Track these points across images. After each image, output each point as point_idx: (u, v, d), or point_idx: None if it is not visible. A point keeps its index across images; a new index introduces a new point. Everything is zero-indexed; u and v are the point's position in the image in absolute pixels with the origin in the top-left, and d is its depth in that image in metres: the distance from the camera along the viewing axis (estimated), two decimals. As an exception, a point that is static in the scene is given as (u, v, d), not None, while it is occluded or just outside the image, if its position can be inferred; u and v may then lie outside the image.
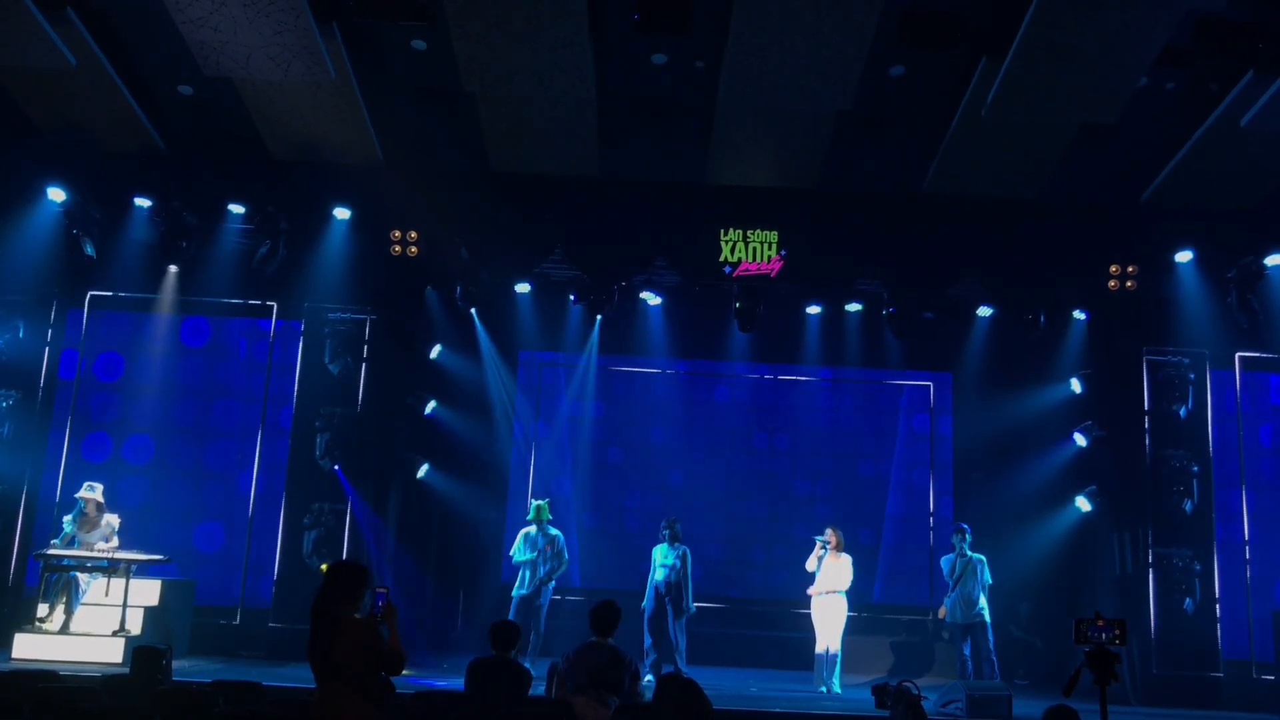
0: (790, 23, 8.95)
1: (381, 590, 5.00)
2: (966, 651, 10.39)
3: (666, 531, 10.35)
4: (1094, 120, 10.20)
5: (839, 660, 10.06)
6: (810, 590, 10.21)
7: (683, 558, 10.28)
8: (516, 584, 10.32)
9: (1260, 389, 12.33)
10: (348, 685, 4.73)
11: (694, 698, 4.25)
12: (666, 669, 9.87)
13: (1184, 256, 11.36)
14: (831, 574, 10.13)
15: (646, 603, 10.21)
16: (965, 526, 10.58)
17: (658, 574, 10.21)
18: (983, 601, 10.27)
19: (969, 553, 10.39)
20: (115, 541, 9.87)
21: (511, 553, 10.43)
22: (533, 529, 10.40)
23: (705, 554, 12.77)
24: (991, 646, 10.25)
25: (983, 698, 8.74)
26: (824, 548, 10.16)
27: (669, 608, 10.12)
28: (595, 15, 9.27)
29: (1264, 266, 11.16)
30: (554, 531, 10.44)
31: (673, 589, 10.15)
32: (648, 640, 10.14)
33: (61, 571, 9.66)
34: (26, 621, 9.80)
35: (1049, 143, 10.60)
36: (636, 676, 6.19)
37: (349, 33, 9.82)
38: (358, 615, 4.89)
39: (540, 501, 10.61)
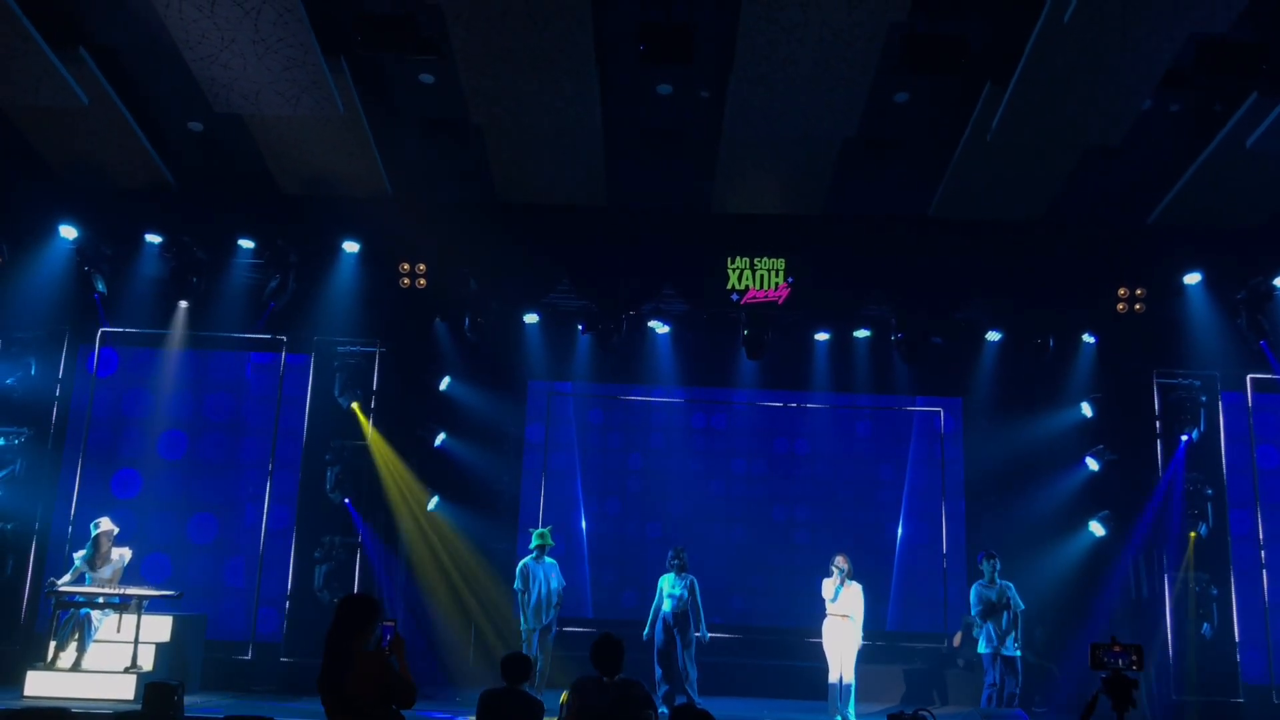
0: (794, 51, 9.01)
1: (389, 623, 4.99)
2: (991, 680, 10.13)
3: (676, 561, 10.27)
4: (1099, 143, 10.22)
5: (854, 689, 9.96)
6: (829, 611, 10.09)
7: (690, 588, 10.19)
8: (530, 618, 10.10)
9: (1272, 410, 12.26)
10: (360, 719, 4.71)
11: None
12: (679, 700, 9.79)
13: (1192, 278, 11.36)
14: (847, 599, 10.04)
15: (656, 634, 10.13)
16: (995, 554, 10.34)
17: (665, 604, 10.13)
18: (1015, 632, 10.04)
19: (999, 580, 10.16)
20: (120, 576, 9.84)
21: (516, 584, 10.33)
22: (533, 557, 10.30)
23: (717, 582, 12.70)
24: (1019, 682, 9.98)
25: (1000, 726, 8.65)
26: (840, 573, 10.06)
27: (678, 638, 10.05)
28: (601, 47, 9.35)
29: (1273, 287, 11.15)
30: (551, 560, 10.33)
31: (680, 619, 10.08)
32: (658, 672, 10.05)
33: (73, 608, 9.65)
34: (39, 659, 9.78)
35: (1054, 166, 10.62)
36: (648, 703, 6.07)
37: (357, 67, 9.92)
38: (367, 648, 4.88)
39: (543, 529, 10.51)
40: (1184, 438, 11.55)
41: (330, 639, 4.82)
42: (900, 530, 13.16)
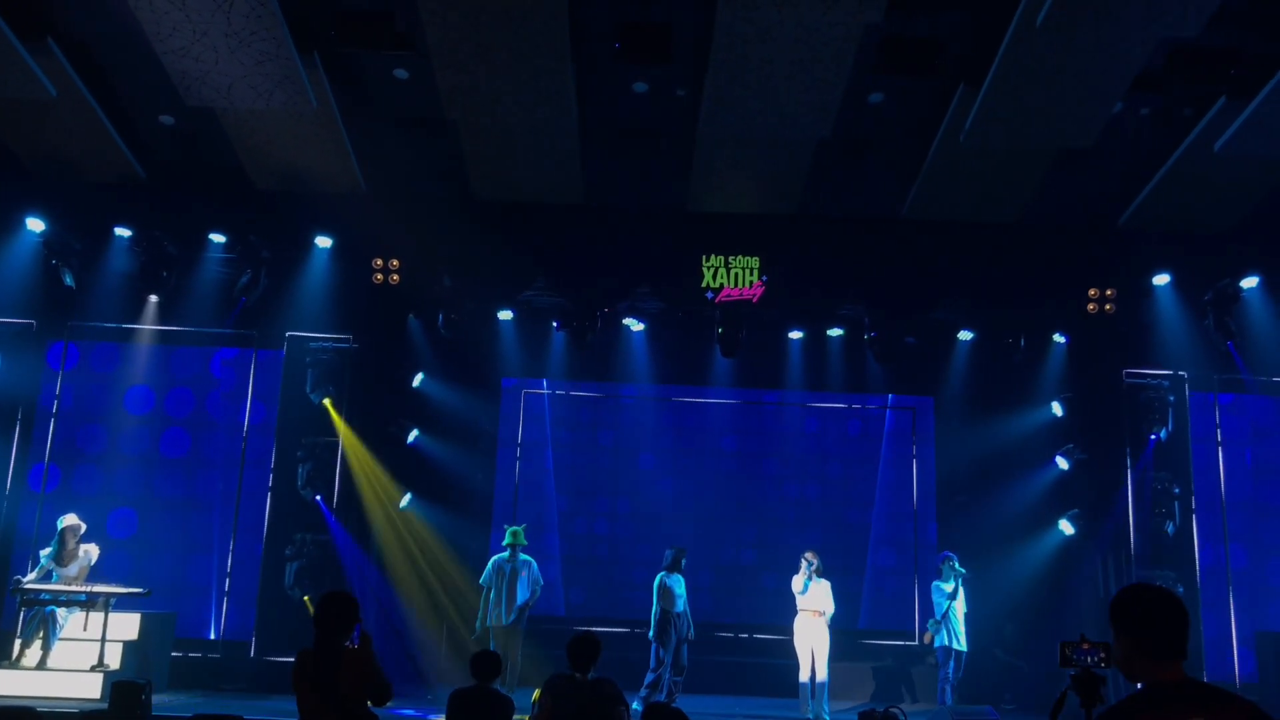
0: (770, 51, 9.03)
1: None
2: (944, 674, 10.41)
3: (684, 561, 10.29)
4: (1070, 145, 10.31)
5: (826, 687, 10.01)
6: (800, 607, 10.16)
7: (684, 586, 10.30)
8: (487, 613, 10.03)
9: (1239, 410, 12.43)
10: (340, 716, 4.69)
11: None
12: (658, 698, 9.80)
13: (1161, 279, 11.49)
14: (816, 595, 10.10)
15: (668, 633, 10.06)
16: (952, 555, 10.60)
17: (678, 604, 10.11)
18: (961, 629, 10.33)
19: (955, 580, 10.41)
20: (86, 573, 9.71)
21: (482, 580, 10.31)
22: (505, 555, 10.28)
23: (691, 580, 12.71)
24: (957, 671, 10.32)
25: (969, 722, 8.73)
26: (809, 567, 10.11)
27: (683, 637, 10.09)
28: (577, 44, 9.34)
29: (1240, 289, 11.29)
30: (525, 558, 10.29)
31: (684, 618, 10.12)
32: (667, 671, 10.00)
33: (38, 606, 9.52)
34: (3, 657, 9.65)
35: (1027, 168, 10.71)
36: (620, 700, 6.06)
37: (330, 62, 9.85)
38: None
39: (516, 527, 10.47)
40: (1152, 437, 11.68)
41: (321, 637, 4.80)
42: (872, 528, 13.23)
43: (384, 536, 11.91)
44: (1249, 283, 11.26)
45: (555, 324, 12.18)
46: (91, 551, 9.90)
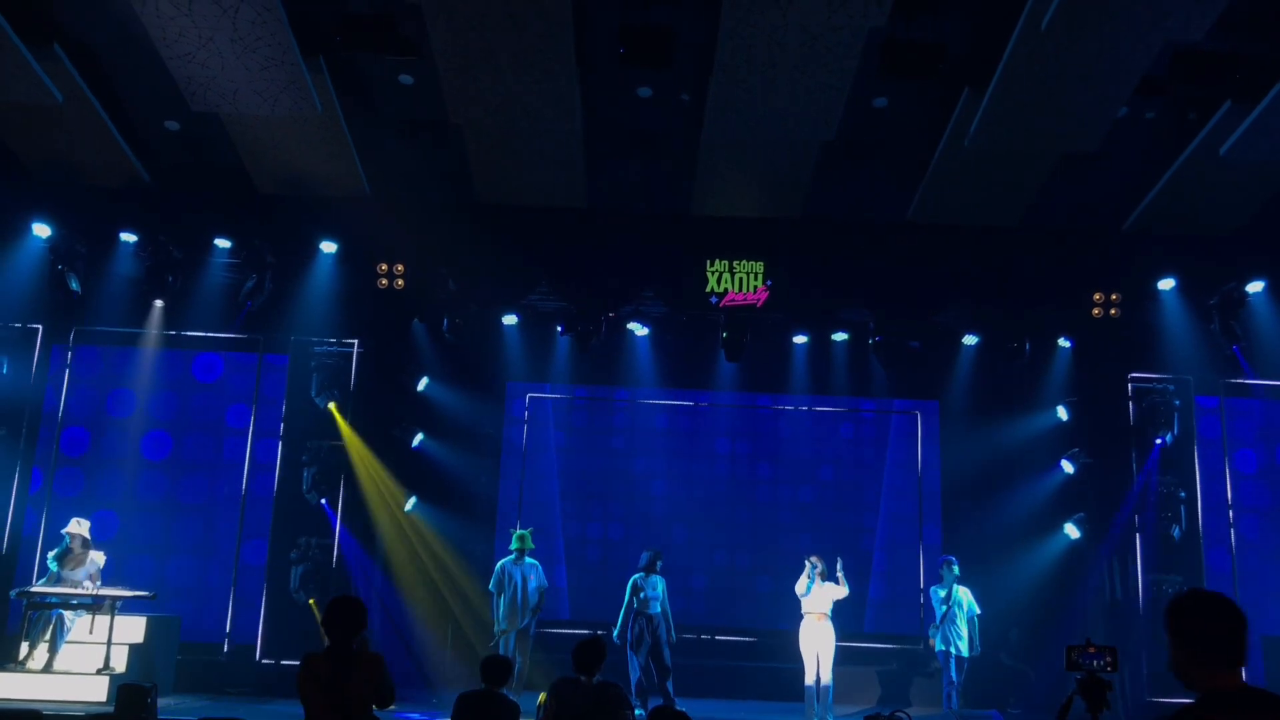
0: (774, 55, 9.03)
1: None
2: (948, 679, 10.40)
3: (660, 563, 10.28)
4: (1075, 149, 10.30)
5: (831, 691, 9.99)
6: (804, 610, 10.15)
7: (663, 589, 10.28)
8: (503, 620, 10.04)
9: (1244, 414, 12.41)
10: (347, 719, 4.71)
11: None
12: (655, 701, 9.79)
13: (1166, 284, 11.47)
14: (819, 597, 10.10)
15: (639, 635, 10.09)
16: (953, 559, 10.61)
17: (652, 606, 10.12)
18: (963, 633, 10.31)
19: (954, 584, 10.42)
20: (98, 580, 9.73)
21: (490, 585, 10.31)
22: (512, 559, 10.27)
23: (693, 584, 12.74)
24: (959, 675, 10.29)
25: (975, 727, 8.70)
26: (813, 569, 10.11)
27: (660, 638, 10.05)
28: (581, 49, 9.35)
29: (1245, 293, 11.27)
30: (532, 562, 10.29)
31: (658, 620, 10.10)
32: (637, 673, 10.04)
33: (45, 610, 9.53)
34: (9, 660, 9.67)
35: (1031, 171, 10.70)
36: (625, 704, 6.08)
37: (336, 67, 9.88)
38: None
39: (523, 531, 10.47)
40: (1158, 441, 11.66)
41: (337, 640, 4.82)
42: (877, 533, 13.22)
43: (389, 540, 11.92)
44: (1254, 287, 11.23)
45: (559, 328, 12.19)
46: (98, 558, 9.90)
